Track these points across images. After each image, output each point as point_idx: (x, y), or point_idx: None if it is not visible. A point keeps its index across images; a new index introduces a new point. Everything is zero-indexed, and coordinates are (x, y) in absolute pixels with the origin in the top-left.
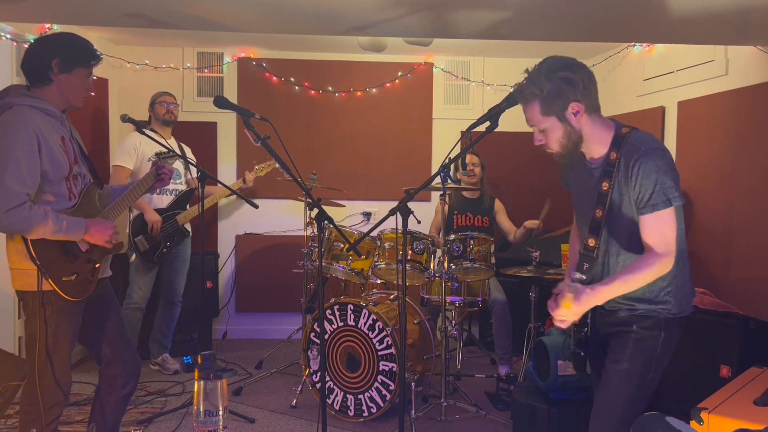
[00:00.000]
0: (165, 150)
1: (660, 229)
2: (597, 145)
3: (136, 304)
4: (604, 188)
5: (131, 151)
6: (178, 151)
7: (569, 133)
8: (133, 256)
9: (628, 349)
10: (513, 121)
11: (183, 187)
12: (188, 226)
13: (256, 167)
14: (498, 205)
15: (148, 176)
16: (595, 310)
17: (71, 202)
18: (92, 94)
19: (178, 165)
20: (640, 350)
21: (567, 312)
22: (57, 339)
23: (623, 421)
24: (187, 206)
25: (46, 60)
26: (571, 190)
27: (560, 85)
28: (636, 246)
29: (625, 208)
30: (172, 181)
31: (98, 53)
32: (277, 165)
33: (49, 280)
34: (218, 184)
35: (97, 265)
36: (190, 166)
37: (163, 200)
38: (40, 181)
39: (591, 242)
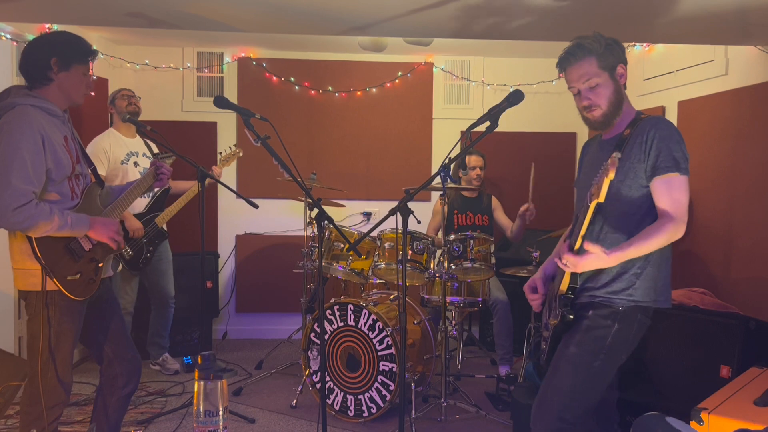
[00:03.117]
0: (161, 151)
1: (673, 193)
2: (622, 117)
3: (125, 309)
4: None
5: (102, 156)
6: (147, 151)
7: (617, 91)
8: (120, 266)
9: (578, 334)
10: (513, 121)
11: (159, 188)
12: (164, 227)
13: (220, 157)
14: (495, 202)
15: (148, 176)
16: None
17: (74, 201)
18: (92, 93)
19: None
20: (589, 337)
21: (576, 259)
22: (59, 339)
23: (566, 407)
24: (164, 207)
25: (45, 60)
26: (578, 184)
27: (613, 45)
28: (623, 227)
29: (626, 184)
30: None
31: (94, 49)
32: (241, 154)
33: (54, 280)
34: (186, 181)
35: (100, 265)
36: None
37: (141, 203)
38: (45, 179)
39: None
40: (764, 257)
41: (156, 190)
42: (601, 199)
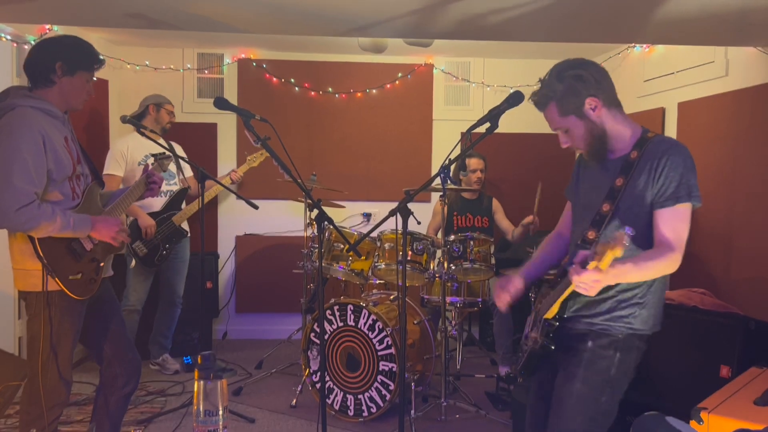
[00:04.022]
0: (161, 152)
1: (676, 225)
2: (619, 141)
3: (133, 306)
4: (618, 184)
5: (119, 158)
6: (167, 151)
7: (591, 129)
8: (133, 262)
9: (581, 369)
10: (513, 122)
11: (176, 188)
12: (185, 225)
13: (249, 158)
14: (496, 204)
15: (138, 185)
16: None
17: (75, 201)
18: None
19: (171, 166)
20: (593, 371)
21: (593, 275)
22: (60, 339)
23: None
24: (182, 206)
25: (50, 62)
26: (575, 196)
27: (572, 83)
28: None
29: (633, 208)
30: (165, 182)
31: (101, 57)
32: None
33: (56, 279)
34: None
35: (101, 264)
36: (182, 166)
37: (158, 202)
38: (46, 180)
39: (590, 235)
40: (764, 258)
41: (174, 189)
42: (603, 266)
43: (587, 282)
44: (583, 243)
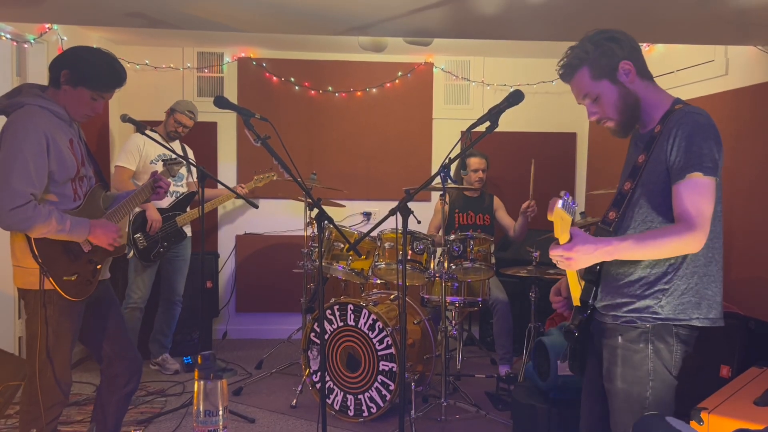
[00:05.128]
0: (172, 156)
1: (693, 198)
2: (650, 113)
3: (135, 304)
4: (640, 161)
5: (134, 152)
6: (181, 152)
7: (624, 95)
8: (131, 253)
9: (618, 366)
10: (513, 121)
11: (184, 189)
12: (188, 229)
13: (255, 177)
14: (497, 202)
15: (145, 188)
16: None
17: (75, 203)
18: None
19: (182, 169)
20: (629, 367)
21: (559, 251)
22: (57, 338)
23: None
24: (188, 208)
25: (59, 67)
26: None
27: (606, 44)
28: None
29: (652, 186)
30: (173, 183)
31: (113, 86)
32: (276, 177)
33: (50, 279)
34: (218, 187)
35: (98, 267)
36: (192, 169)
37: (165, 201)
38: (47, 181)
39: (611, 215)
40: (763, 257)
41: (181, 190)
42: (561, 239)
43: (556, 257)
44: (603, 224)
